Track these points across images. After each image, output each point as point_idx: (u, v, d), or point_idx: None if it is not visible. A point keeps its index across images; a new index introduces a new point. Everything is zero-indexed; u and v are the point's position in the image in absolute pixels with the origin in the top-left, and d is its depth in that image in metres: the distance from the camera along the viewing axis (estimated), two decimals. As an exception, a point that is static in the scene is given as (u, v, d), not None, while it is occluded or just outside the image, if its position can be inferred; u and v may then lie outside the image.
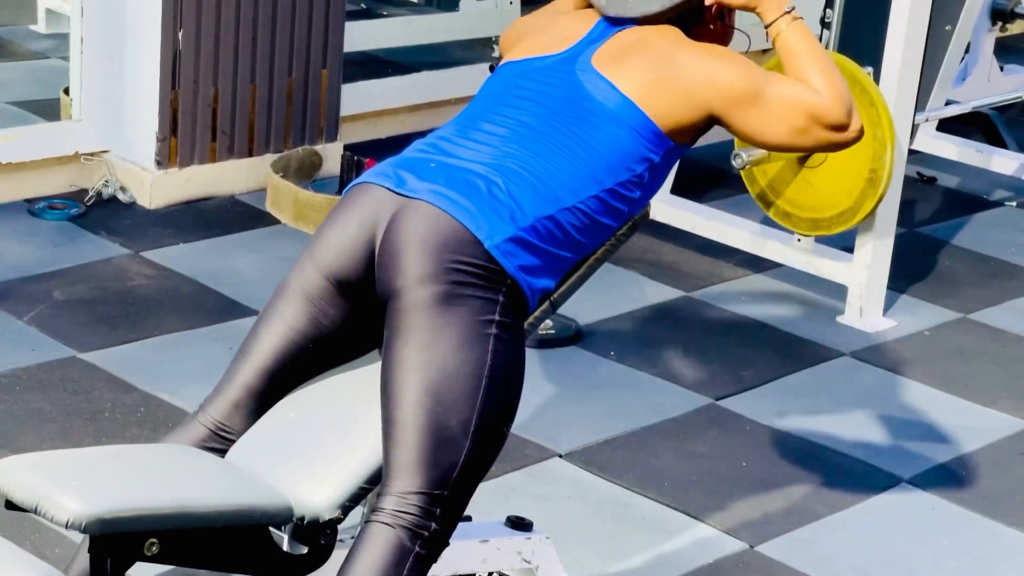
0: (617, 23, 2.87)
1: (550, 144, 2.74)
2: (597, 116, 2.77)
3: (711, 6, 2.91)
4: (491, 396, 2.60)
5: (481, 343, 2.60)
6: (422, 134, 2.88)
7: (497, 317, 2.62)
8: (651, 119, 2.77)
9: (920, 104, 5.12)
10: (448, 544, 2.63)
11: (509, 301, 2.65)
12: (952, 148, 6.14)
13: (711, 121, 2.81)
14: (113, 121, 5.36)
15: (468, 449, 2.59)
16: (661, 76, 2.78)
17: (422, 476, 2.57)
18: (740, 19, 3.02)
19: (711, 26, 2.92)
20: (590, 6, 2.96)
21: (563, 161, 2.73)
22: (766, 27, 2.87)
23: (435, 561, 2.60)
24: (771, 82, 2.78)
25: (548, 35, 2.92)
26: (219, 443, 2.74)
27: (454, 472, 2.58)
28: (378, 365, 2.68)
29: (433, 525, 2.57)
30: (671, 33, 2.84)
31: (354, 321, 2.74)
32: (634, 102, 2.76)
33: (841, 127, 2.78)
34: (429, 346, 2.58)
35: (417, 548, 2.56)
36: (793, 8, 2.86)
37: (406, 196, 2.67)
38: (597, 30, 2.88)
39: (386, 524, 2.56)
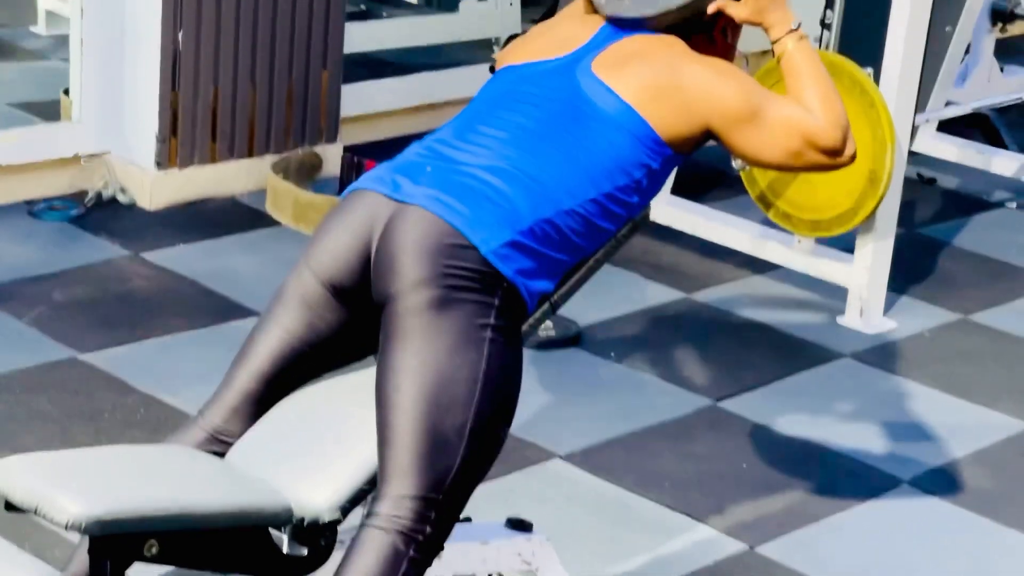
0: (620, 29, 2.86)
1: (548, 147, 2.74)
2: (596, 121, 2.76)
3: (717, 22, 2.90)
4: (487, 400, 2.59)
5: (477, 347, 2.60)
6: (422, 135, 2.87)
7: (493, 321, 2.62)
8: (651, 126, 2.76)
9: (920, 105, 5.12)
10: (443, 548, 2.63)
11: (505, 304, 2.64)
12: (952, 149, 6.13)
13: (708, 135, 2.81)
14: (113, 122, 5.35)
15: (464, 453, 2.58)
16: (662, 85, 2.77)
17: (417, 480, 2.56)
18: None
19: (715, 41, 2.91)
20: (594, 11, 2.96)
21: (561, 163, 2.73)
22: (772, 44, 2.87)
23: (429, 565, 2.60)
24: (770, 102, 2.79)
25: (548, 39, 2.91)
26: (218, 447, 2.74)
27: (449, 476, 2.58)
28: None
29: (428, 529, 2.57)
30: (676, 44, 2.83)
31: (351, 327, 2.74)
32: (634, 109, 2.76)
33: (835, 152, 2.79)
34: (424, 350, 2.58)
35: (411, 552, 2.56)
36: (799, 26, 2.86)
37: (401, 202, 2.67)
38: (600, 36, 2.86)
39: (380, 528, 2.55)
